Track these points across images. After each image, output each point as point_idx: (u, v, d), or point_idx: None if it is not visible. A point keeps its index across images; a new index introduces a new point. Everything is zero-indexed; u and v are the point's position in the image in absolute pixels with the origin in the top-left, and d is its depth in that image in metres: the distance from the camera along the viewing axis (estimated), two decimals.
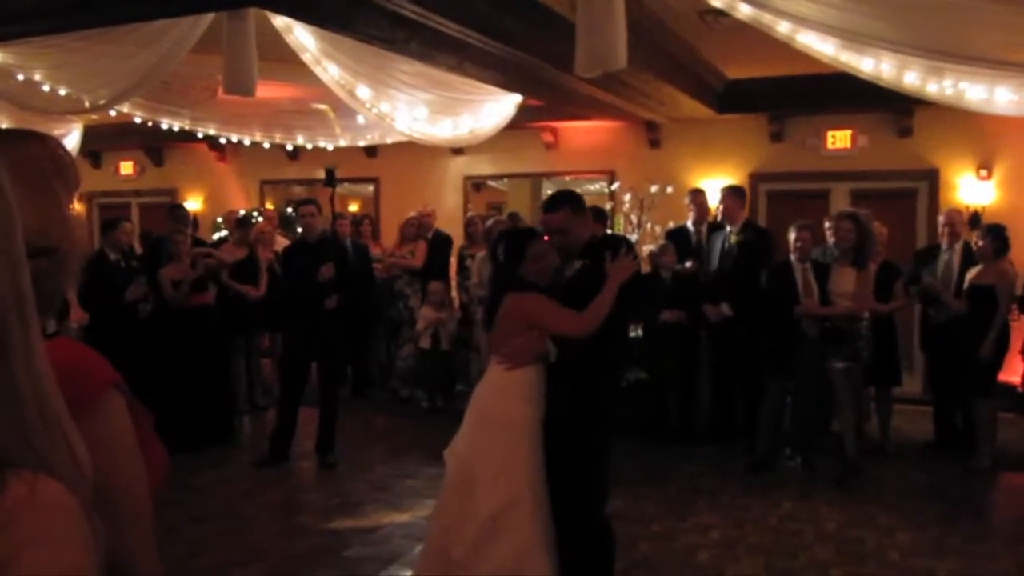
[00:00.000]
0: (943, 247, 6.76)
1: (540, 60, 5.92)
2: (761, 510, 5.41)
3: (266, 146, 10.04)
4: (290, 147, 10.48)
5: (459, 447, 3.42)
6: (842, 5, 4.64)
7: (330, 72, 6.43)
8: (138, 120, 8.69)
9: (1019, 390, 7.14)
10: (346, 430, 6.68)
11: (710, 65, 7.98)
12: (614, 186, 8.90)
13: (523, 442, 3.23)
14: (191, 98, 7.92)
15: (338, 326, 6.43)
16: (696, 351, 7.02)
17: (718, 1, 4.93)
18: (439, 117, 7.93)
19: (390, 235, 9.69)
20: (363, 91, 6.90)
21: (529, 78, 6.57)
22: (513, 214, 8.70)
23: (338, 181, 7.47)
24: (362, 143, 9.81)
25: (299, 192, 11.72)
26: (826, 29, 4.95)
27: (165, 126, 8.84)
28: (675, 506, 5.47)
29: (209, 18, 5.39)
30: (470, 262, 8.04)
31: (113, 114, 8.08)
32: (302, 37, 6.00)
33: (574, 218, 3.50)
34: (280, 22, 5.73)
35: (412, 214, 8.80)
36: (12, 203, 0.86)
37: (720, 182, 8.28)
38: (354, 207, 12.36)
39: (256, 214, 9.64)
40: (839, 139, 8.89)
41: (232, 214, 9.17)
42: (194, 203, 11.56)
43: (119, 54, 6.13)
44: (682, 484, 5.95)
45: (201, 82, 7.40)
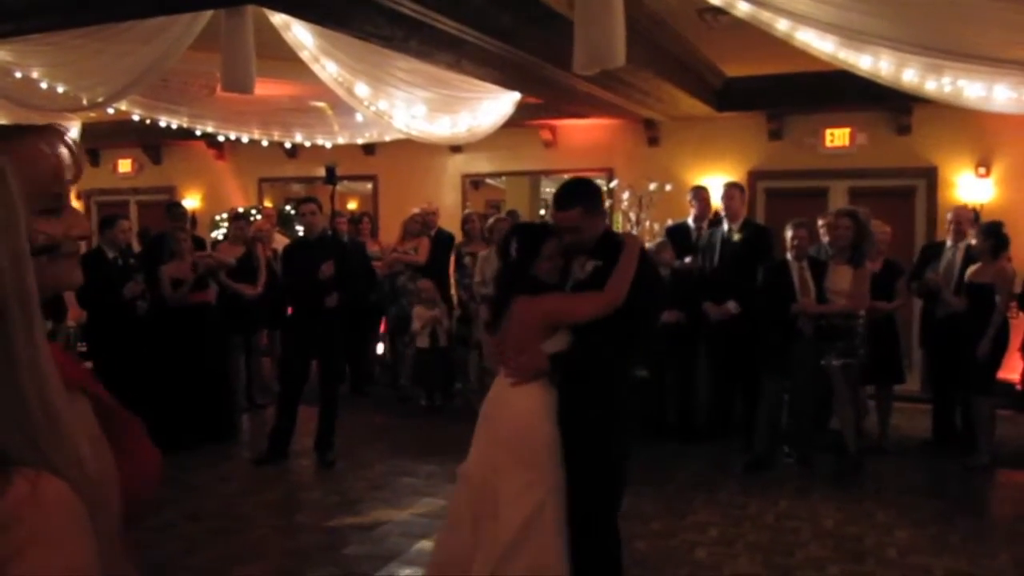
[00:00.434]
0: (948, 244, 6.77)
1: (538, 58, 5.91)
2: (759, 508, 5.41)
3: (264, 144, 10.04)
4: (288, 145, 10.47)
5: (475, 469, 3.30)
6: (841, 3, 4.64)
7: (328, 70, 6.42)
8: (136, 118, 8.68)
9: (1018, 388, 7.14)
10: (345, 428, 6.68)
11: (709, 63, 7.97)
12: (613, 184, 8.89)
13: (543, 455, 3.17)
14: (189, 96, 7.91)
15: (338, 324, 6.43)
16: (695, 349, 7.01)
17: None
18: (437, 115, 7.92)
19: (388, 233, 9.68)
20: (361, 89, 6.90)
21: (528, 76, 6.56)
22: (512, 212, 8.70)
23: (338, 179, 7.46)
24: (360, 141, 9.81)
25: (297, 190, 11.71)
26: (825, 27, 4.95)
27: (163, 124, 8.82)
28: (673, 504, 5.47)
29: (207, 15, 5.38)
30: (468, 260, 8.04)
31: (111, 112, 8.07)
32: (300, 34, 6.00)
33: (587, 218, 3.29)
34: (278, 19, 5.72)
35: (415, 210, 8.78)
36: (16, 198, 0.86)
37: (719, 180, 8.27)
38: (352, 205, 12.36)
39: (254, 212, 9.62)
40: (838, 137, 8.89)
41: (234, 212, 9.15)
42: (192, 201, 11.54)
43: (117, 51, 6.12)
44: (680, 482, 5.96)
45: (199, 79, 7.40)
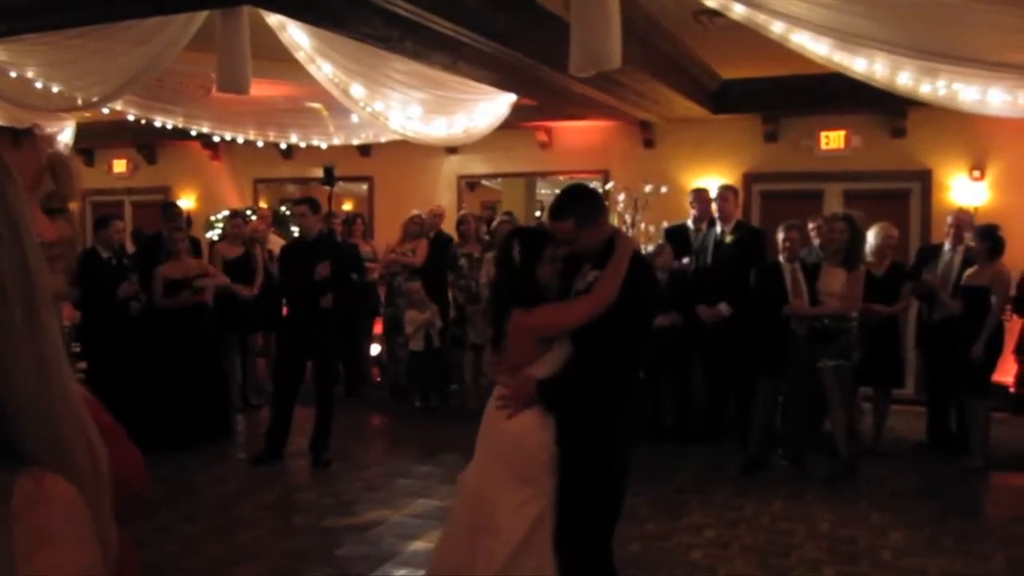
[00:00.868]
0: (946, 247, 6.78)
1: (534, 59, 5.92)
2: (754, 509, 5.42)
3: (260, 144, 10.02)
4: (284, 145, 10.45)
5: (472, 480, 3.28)
6: (836, 5, 4.65)
7: (324, 70, 6.42)
8: (131, 118, 8.67)
9: (1012, 390, 7.16)
10: (340, 429, 6.66)
11: (704, 65, 7.99)
12: (608, 186, 8.90)
13: (541, 471, 3.14)
14: (185, 96, 7.90)
15: (333, 325, 6.42)
16: (690, 350, 7.02)
17: (712, 1, 4.94)
18: (433, 116, 7.92)
19: (384, 234, 9.68)
20: (357, 90, 6.89)
21: (523, 77, 6.57)
22: (509, 214, 8.70)
23: (336, 180, 7.46)
24: (356, 142, 9.79)
25: (293, 191, 11.69)
26: (820, 29, 4.96)
27: (158, 124, 8.81)
28: (668, 505, 5.47)
29: (203, 16, 5.38)
30: (463, 261, 8.04)
31: (106, 112, 8.06)
32: (296, 35, 5.99)
33: (582, 229, 3.17)
34: (274, 20, 5.72)
35: (415, 212, 8.78)
36: (21, 192, 0.86)
37: (714, 182, 8.29)
38: (348, 206, 12.34)
39: (250, 212, 9.61)
40: (832, 139, 8.90)
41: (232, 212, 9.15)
42: (187, 201, 11.51)
43: (112, 51, 6.11)
44: (676, 483, 5.96)
45: (195, 80, 7.38)
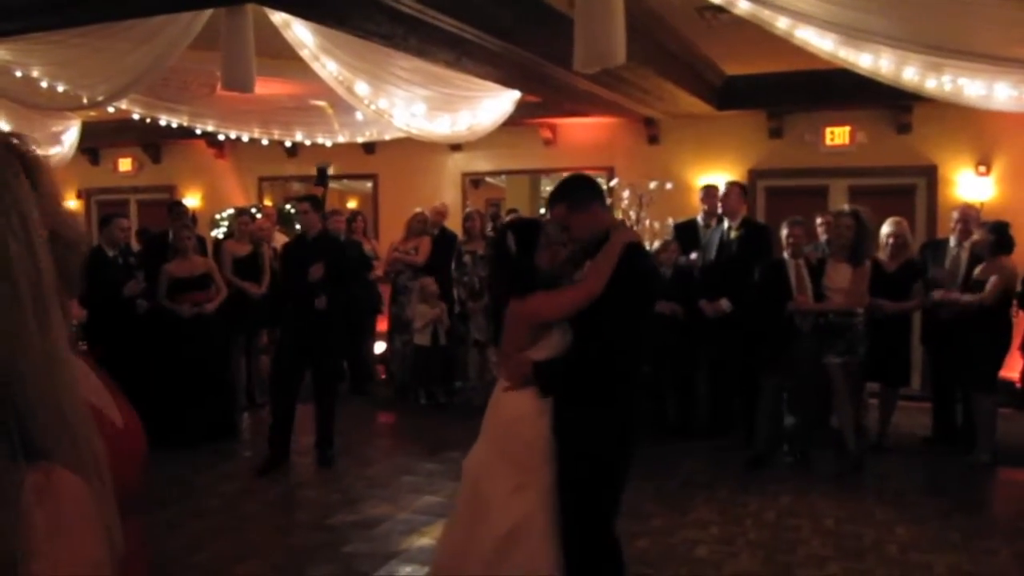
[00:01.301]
0: (952, 242, 6.74)
1: (539, 56, 5.91)
2: (760, 505, 5.42)
3: (264, 142, 10.03)
4: (288, 143, 10.45)
5: (471, 463, 3.30)
6: (841, 0, 4.63)
7: (328, 68, 6.42)
8: (136, 116, 8.68)
9: (1018, 386, 7.14)
10: (345, 426, 6.68)
11: (709, 61, 7.97)
12: (613, 182, 8.89)
13: (534, 457, 3.14)
14: (190, 94, 7.91)
15: (329, 325, 6.39)
16: (694, 346, 7.02)
17: None
18: (437, 113, 7.91)
19: (388, 231, 9.68)
20: (361, 87, 6.89)
21: (528, 74, 6.56)
22: (515, 211, 8.71)
23: (336, 178, 7.48)
24: (360, 139, 9.78)
25: (298, 189, 11.69)
26: (825, 25, 4.94)
27: (163, 122, 8.82)
28: (674, 501, 5.47)
29: (207, 14, 5.38)
30: (468, 258, 8.05)
31: (111, 110, 8.07)
32: (300, 33, 5.99)
33: (573, 215, 3.22)
34: (278, 18, 5.72)
35: (418, 209, 8.77)
36: (26, 188, 0.86)
37: (719, 178, 8.28)
38: (353, 203, 12.36)
39: (254, 210, 9.63)
40: (838, 135, 8.88)
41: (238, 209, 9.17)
42: (192, 200, 11.53)
43: (117, 50, 6.11)
44: (681, 479, 5.96)
45: (199, 78, 7.39)
